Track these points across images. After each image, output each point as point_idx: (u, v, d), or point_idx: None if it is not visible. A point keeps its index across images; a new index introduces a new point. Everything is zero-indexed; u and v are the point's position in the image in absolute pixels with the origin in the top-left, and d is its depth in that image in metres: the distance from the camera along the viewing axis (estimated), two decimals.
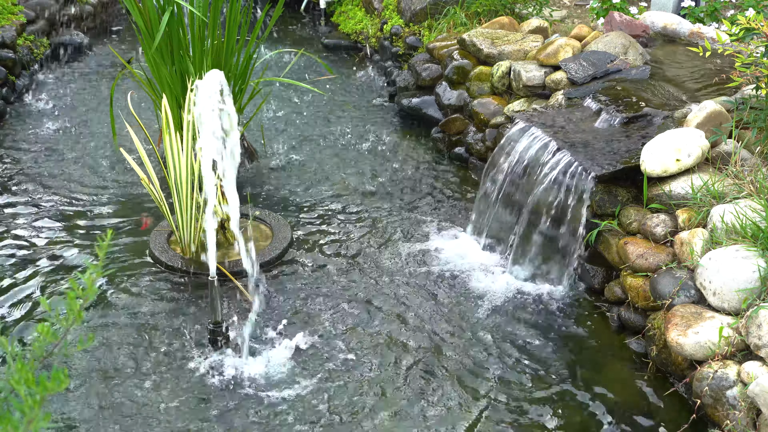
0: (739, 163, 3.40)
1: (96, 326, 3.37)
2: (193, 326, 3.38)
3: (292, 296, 3.63)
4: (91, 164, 4.90)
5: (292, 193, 4.63)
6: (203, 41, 4.39)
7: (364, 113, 5.86)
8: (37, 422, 0.93)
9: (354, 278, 3.79)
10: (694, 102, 3.90)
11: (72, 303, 1.06)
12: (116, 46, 7.10)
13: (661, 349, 3.05)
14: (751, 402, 2.50)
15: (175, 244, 3.89)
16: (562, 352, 3.30)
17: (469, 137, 4.98)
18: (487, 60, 5.10)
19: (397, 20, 6.60)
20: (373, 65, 6.82)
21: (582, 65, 4.48)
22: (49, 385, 0.93)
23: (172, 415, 2.90)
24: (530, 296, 3.67)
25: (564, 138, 3.83)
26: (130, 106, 4.09)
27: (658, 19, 5.08)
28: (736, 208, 3.03)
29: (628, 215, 3.48)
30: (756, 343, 2.59)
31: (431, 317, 3.51)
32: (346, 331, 3.39)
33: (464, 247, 4.08)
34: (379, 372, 3.15)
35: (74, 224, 4.19)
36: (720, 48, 3.86)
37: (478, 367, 3.20)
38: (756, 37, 3.43)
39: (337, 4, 7.91)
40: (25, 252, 3.91)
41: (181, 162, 3.67)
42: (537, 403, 3.02)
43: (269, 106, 5.79)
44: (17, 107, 5.73)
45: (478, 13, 5.86)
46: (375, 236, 4.17)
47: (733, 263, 2.83)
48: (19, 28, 6.21)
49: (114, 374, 3.09)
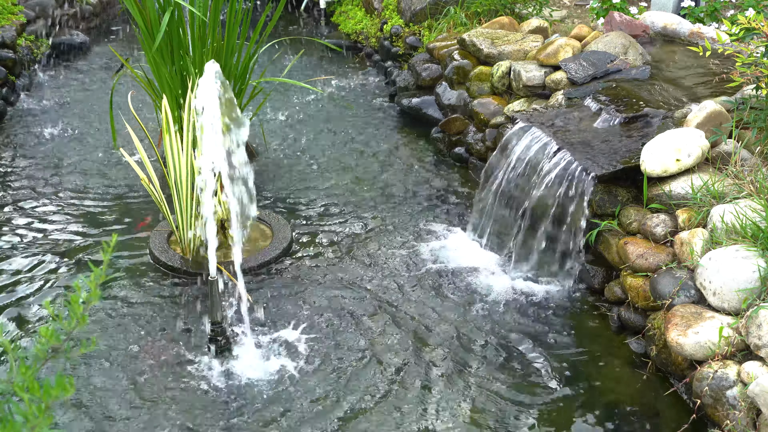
0: (739, 163, 3.40)
1: (95, 326, 3.37)
2: (193, 326, 3.38)
3: (293, 296, 3.63)
4: (90, 164, 4.90)
5: (292, 193, 4.63)
6: (203, 41, 4.40)
7: (364, 113, 5.87)
8: (40, 428, 0.92)
9: (354, 278, 3.79)
10: (694, 102, 3.90)
11: (75, 306, 1.06)
12: (116, 46, 7.10)
13: (661, 349, 3.05)
14: (751, 402, 2.50)
15: (175, 244, 3.89)
16: (561, 352, 3.30)
17: (469, 137, 4.98)
18: (487, 60, 5.10)
19: (397, 20, 6.60)
20: (373, 65, 6.82)
21: (582, 65, 4.48)
22: (53, 392, 0.93)
23: (171, 415, 2.90)
24: (530, 296, 3.68)
25: (564, 138, 3.83)
26: (131, 106, 4.09)
27: (658, 19, 5.09)
28: (736, 208, 3.04)
29: (628, 215, 3.48)
30: (756, 343, 2.59)
31: (431, 316, 3.51)
32: (345, 331, 3.39)
33: (464, 247, 4.08)
34: (379, 371, 3.15)
35: (74, 224, 4.19)
36: (720, 48, 3.86)
37: (477, 366, 3.20)
38: (756, 37, 3.43)
39: (337, 4, 7.91)
40: (24, 252, 3.91)
41: (181, 162, 3.67)
42: (536, 402, 3.02)
43: (269, 107, 5.79)
44: (17, 107, 5.73)
45: (478, 13, 5.86)
46: (375, 236, 4.18)
47: (733, 263, 2.83)
48: (19, 28, 6.21)
49: (114, 374, 3.09)
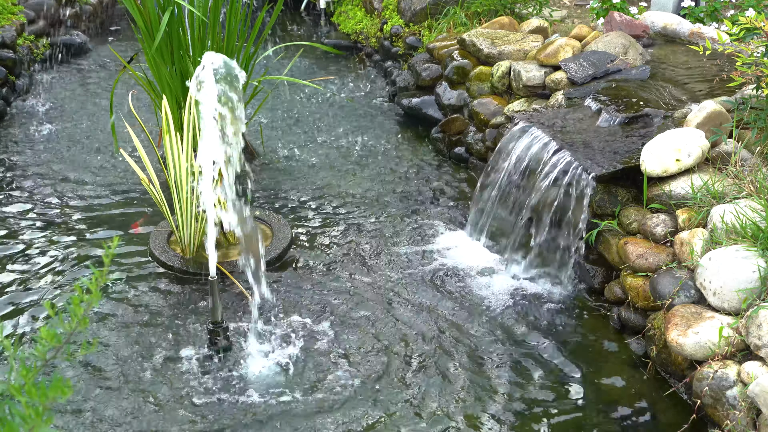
0: (739, 163, 3.40)
1: (94, 327, 3.37)
2: (193, 326, 3.38)
3: (293, 296, 3.63)
4: (90, 164, 4.90)
5: (292, 193, 4.63)
6: (203, 41, 4.39)
7: (364, 113, 5.86)
8: (38, 430, 0.92)
9: (354, 278, 3.79)
10: (694, 102, 3.90)
11: (76, 308, 1.06)
12: (116, 46, 7.10)
13: (661, 349, 3.05)
14: (751, 402, 2.50)
15: (175, 244, 3.89)
16: (561, 352, 3.30)
17: (469, 137, 4.98)
18: (487, 60, 5.10)
19: (397, 20, 6.60)
20: (373, 65, 6.82)
21: (582, 65, 4.48)
22: (51, 395, 0.93)
23: (171, 414, 2.90)
24: (530, 296, 3.67)
25: (564, 138, 3.83)
26: (131, 106, 4.09)
27: (658, 19, 5.08)
28: (736, 208, 3.03)
29: (628, 215, 3.48)
30: (756, 343, 2.59)
31: (431, 316, 3.51)
32: (346, 331, 3.39)
33: (464, 247, 4.08)
34: (378, 371, 3.15)
35: (74, 224, 4.19)
36: (720, 48, 3.86)
37: (477, 366, 3.20)
38: (756, 37, 3.43)
39: (337, 4, 7.90)
40: (24, 252, 3.91)
41: (181, 162, 3.67)
42: (536, 402, 3.02)
43: (269, 107, 5.79)
44: (17, 107, 5.73)
45: (478, 13, 5.86)
46: (375, 236, 4.18)
47: (733, 263, 2.83)
48: (19, 28, 6.21)
49: (112, 374, 3.09)
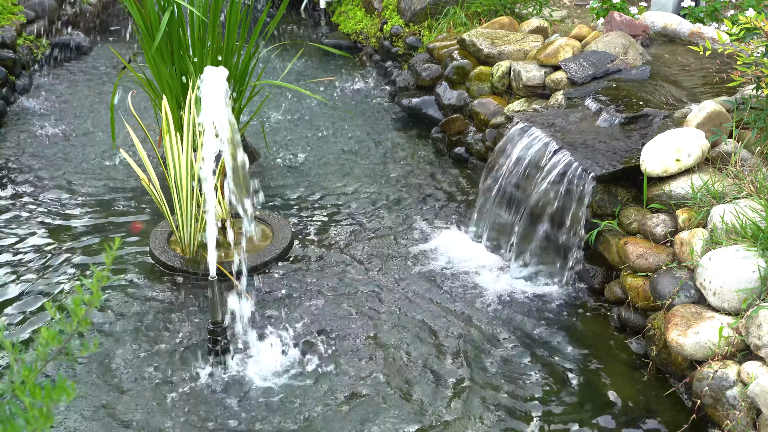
0: (739, 163, 3.40)
1: (94, 327, 3.37)
2: (193, 326, 3.38)
3: (293, 295, 3.63)
4: (90, 164, 4.90)
5: (292, 193, 4.63)
6: (203, 41, 4.39)
7: (364, 113, 5.86)
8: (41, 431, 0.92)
9: (354, 278, 3.79)
10: (694, 102, 3.90)
11: (77, 309, 1.06)
12: (116, 46, 7.10)
13: (661, 349, 3.05)
14: (751, 402, 2.50)
15: (175, 244, 3.89)
16: (561, 352, 3.30)
17: (469, 137, 4.98)
18: (487, 60, 5.10)
19: (397, 20, 6.60)
20: (373, 65, 6.82)
21: (582, 65, 4.48)
22: (54, 396, 0.93)
23: (170, 415, 2.90)
24: (530, 296, 3.67)
25: (564, 138, 3.83)
26: (131, 106, 4.09)
27: (658, 19, 5.09)
28: (736, 208, 3.04)
29: (628, 215, 3.48)
30: (756, 343, 2.59)
31: (431, 316, 3.51)
32: (346, 330, 3.39)
33: (464, 247, 4.08)
34: (378, 371, 3.15)
35: (73, 225, 4.19)
36: (720, 48, 3.86)
37: (477, 366, 3.20)
38: (756, 36, 3.43)
39: (337, 4, 7.90)
40: (24, 252, 3.91)
41: (181, 162, 3.67)
42: (536, 402, 3.02)
43: (269, 107, 5.79)
44: (17, 107, 5.73)
45: (478, 13, 5.86)
46: (375, 236, 4.18)
47: (733, 263, 2.83)
48: (19, 28, 6.21)
49: (112, 374, 3.09)
